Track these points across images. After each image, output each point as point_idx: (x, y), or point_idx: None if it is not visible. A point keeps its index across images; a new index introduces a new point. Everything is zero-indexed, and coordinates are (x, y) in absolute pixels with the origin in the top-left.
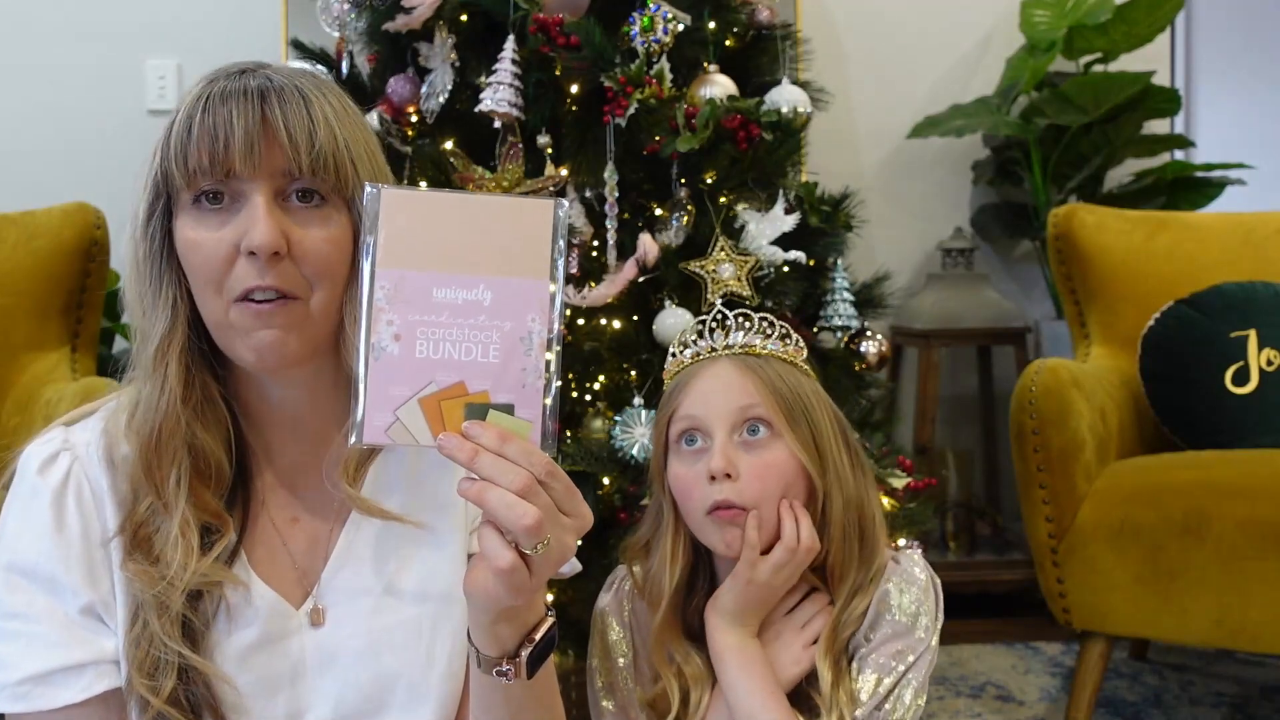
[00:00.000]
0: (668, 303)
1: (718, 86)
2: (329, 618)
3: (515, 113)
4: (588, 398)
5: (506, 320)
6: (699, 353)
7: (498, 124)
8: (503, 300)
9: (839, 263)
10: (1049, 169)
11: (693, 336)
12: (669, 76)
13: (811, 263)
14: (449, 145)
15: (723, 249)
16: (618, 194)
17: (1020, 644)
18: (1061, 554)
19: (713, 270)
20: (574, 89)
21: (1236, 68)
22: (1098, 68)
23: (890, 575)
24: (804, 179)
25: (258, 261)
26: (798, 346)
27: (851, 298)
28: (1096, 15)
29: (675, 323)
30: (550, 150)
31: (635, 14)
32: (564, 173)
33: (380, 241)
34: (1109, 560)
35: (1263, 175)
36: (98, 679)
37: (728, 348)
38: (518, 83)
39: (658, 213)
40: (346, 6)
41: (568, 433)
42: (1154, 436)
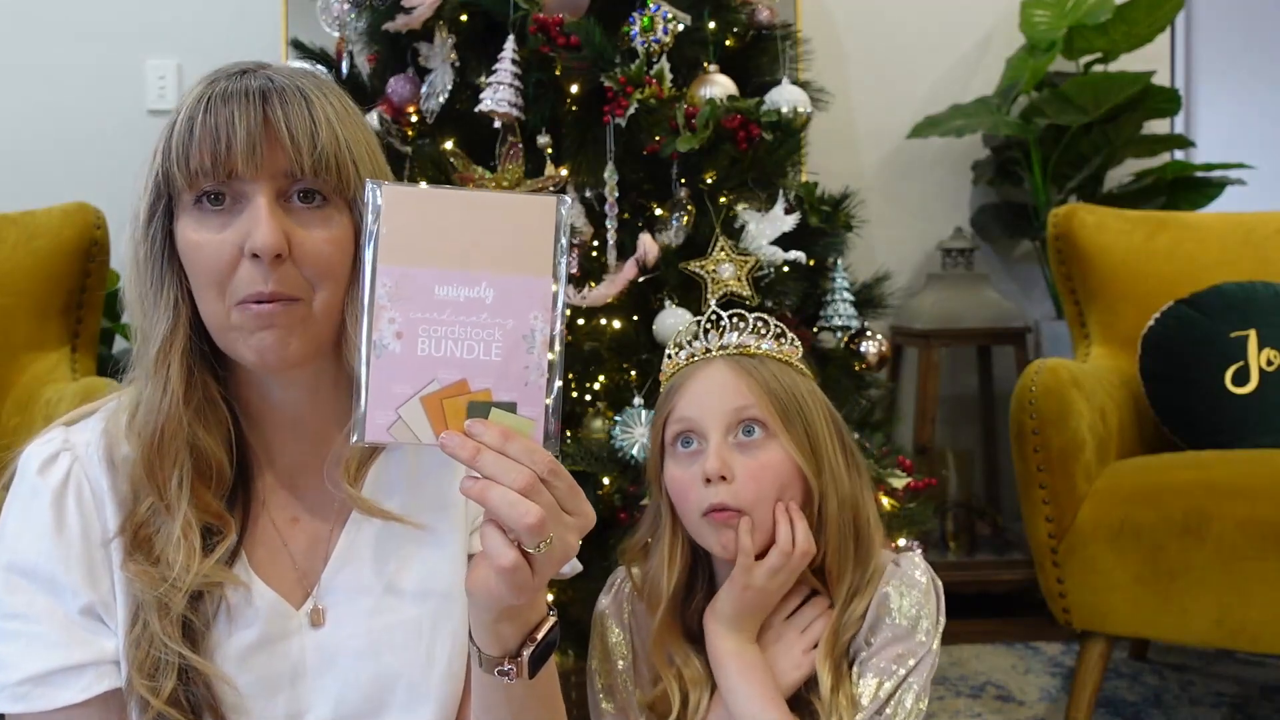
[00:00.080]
0: (668, 303)
1: (718, 86)
2: (329, 618)
3: (515, 113)
4: (588, 398)
5: (509, 318)
6: (694, 354)
7: (498, 124)
8: (505, 298)
9: (839, 263)
10: (1049, 169)
11: (688, 338)
12: (669, 76)
13: (811, 263)
14: (449, 145)
15: (723, 249)
16: (618, 194)
17: (1020, 644)
18: (1061, 554)
19: (713, 270)
20: (574, 89)
21: (1236, 68)
22: (1098, 68)
23: (890, 578)
24: (804, 179)
25: (260, 264)
26: (793, 345)
27: (851, 298)
28: (1096, 15)
29: (675, 323)
30: (550, 150)
31: (635, 14)
32: (564, 173)
33: (382, 238)
34: (1109, 560)
35: (1263, 175)
36: (98, 679)
37: (722, 348)
38: (518, 83)
39: (658, 213)
40: (346, 6)
41: (568, 433)
42: (1154, 436)
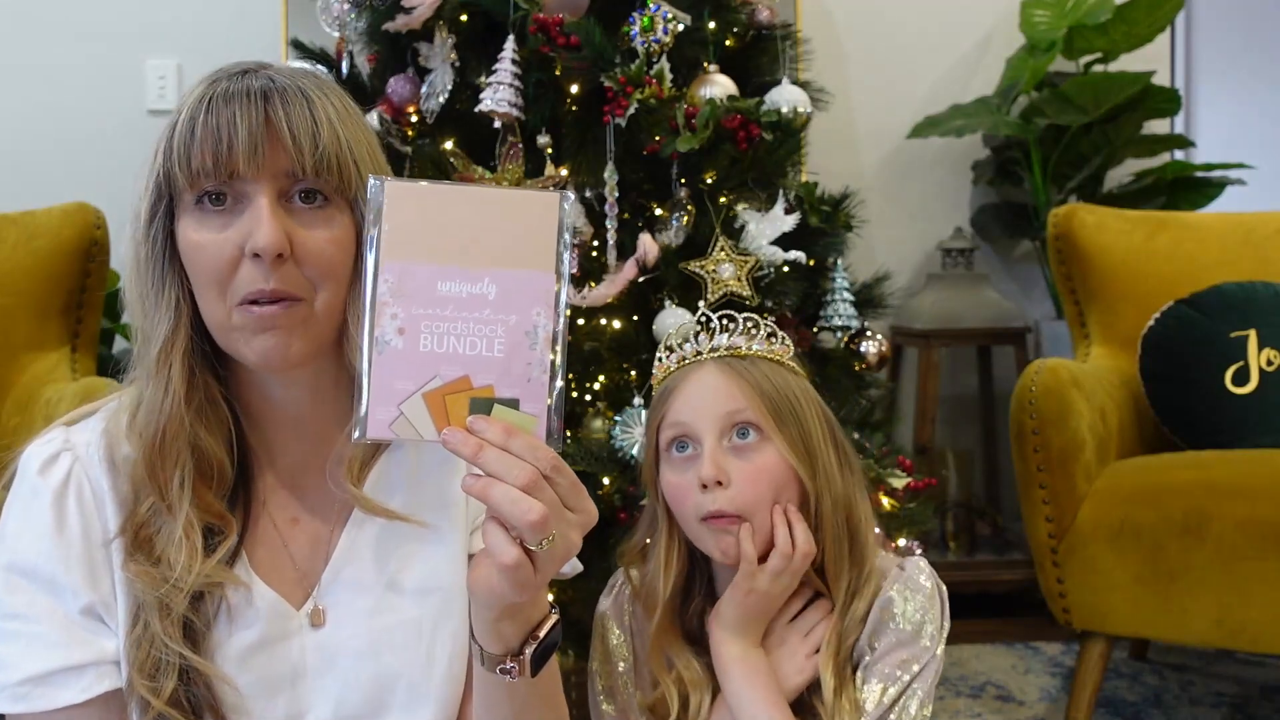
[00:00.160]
0: (668, 303)
1: (718, 86)
2: (329, 618)
3: (515, 113)
4: (588, 398)
5: (511, 314)
6: (684, 357)
7: (498, 124)
8: (508, 294)
9: (839, 263)
10: (1049, 169)
11: (678, 341)
12: (669, 76)
13: (811, 263)
14: (449, 145)
15: (723, 249)
16: (618, 194)
17: (1020, 644)
18: (1061, 554)
19: (713, 270)
20: (574, 89)
21: (1236, 68)
22: (1098, 68)
23: (895, 582)
24: (804, 179)
25: (262, 263)
26: (784, 345)
27: (851, 298)
28: (1096, 15)
29: (675, 323)
30: (550, 150)
31: (635, 14)
32: (564, 173)
33: (384, 234)
34: (1109, 560)
35: (1263, 175)
36: (98, 680)
37: (713, 350)
38: (518, 83)
39: (658, 213)
40: (346, 6)
41: (568, 433)
42: (1154, 436)
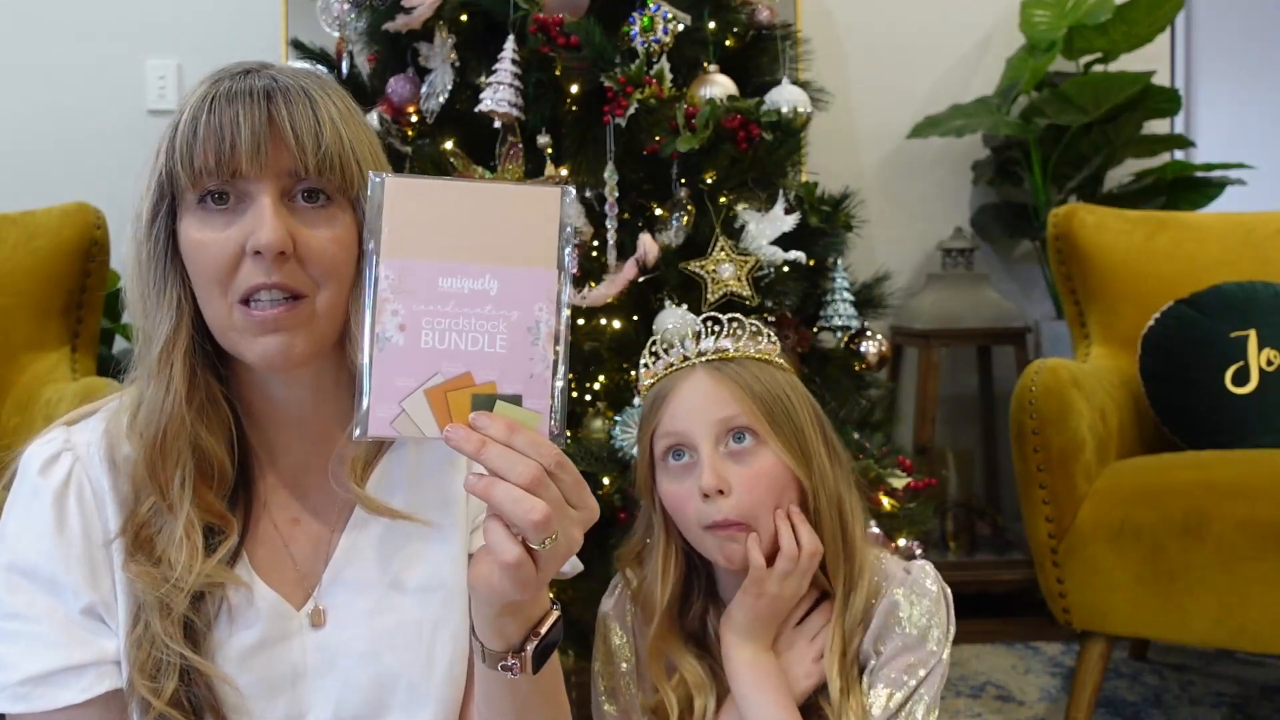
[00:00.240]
0: (668, 303)
1: (718, 86)
2: (329, 619)
3: (515, 113)
4: (588, 398)
5: (513, 310)
6: (672, 363)
7: (498, 124)
8: (510, 290)
9: (839, 263)
10: (1049, 169)
11: (664, 347)
12: (669, 76)
13: (811, 263)
14: (449, 145)
15: (723, 249)
16: (618, 194)
17: (1020, 644)
18: (1061, 554)
19: (713, 270)
20: (574, 89)
21: (1236, 68)
22: (1098, 68)
23: (900, 585)
24: (804, 179)
25: (263, 261)
26: (771, 342)
27: (851, 298)
28: (1096, 15)
29: (675, 323)
30: (550, 150)
31: (635, 14)
32: (564, 173)
33: (385, 231)
34: (1109, 560)
35: (1263, 175)
36: (98, 680)
37: (700, 354)
38: (518, 83)
39: (658, 213)
40: (346, 6)
41: (568, 433)
42: (1154, 436)
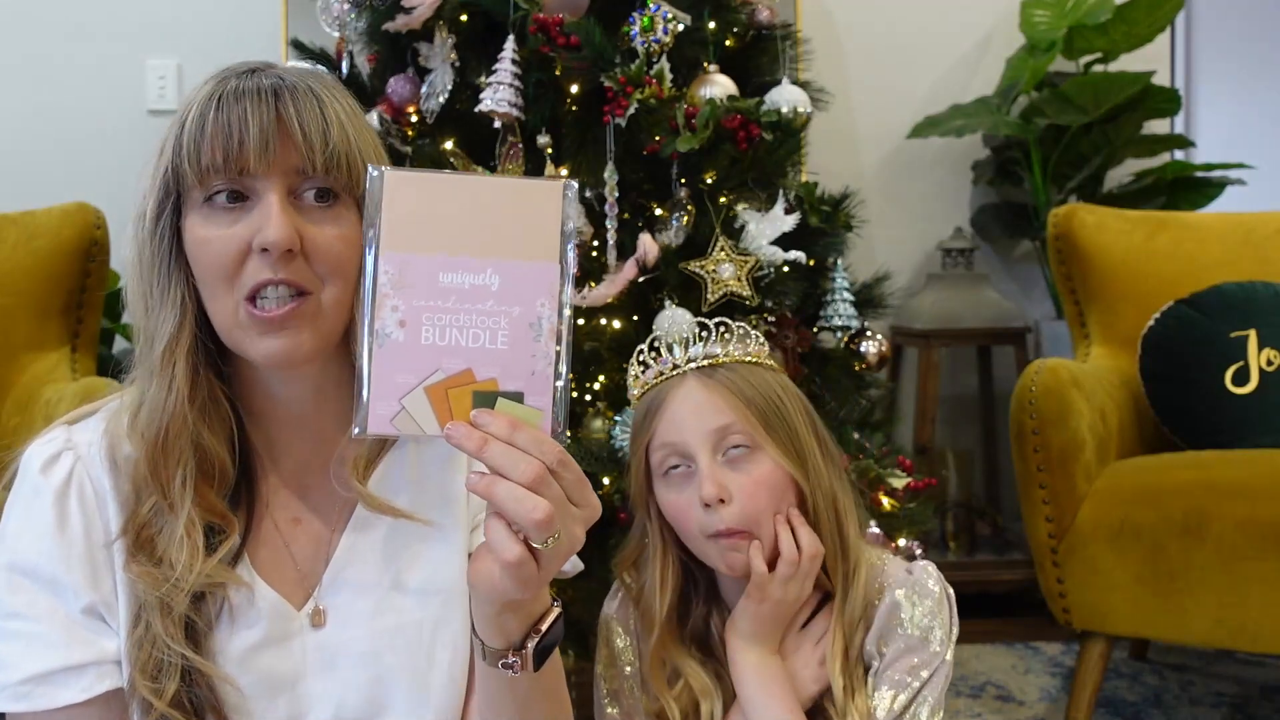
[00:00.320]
0: (668, 303)
1: (718, 86)
2: (330, 619)
3: (515, 113)
4: (588, 398)
5: (515, 305)
6: (662, 372)
7: (498, 124)
8: (511, 285)
9: (839, 263)
10: (1049, 169)
11: (652, 355)
12: (669, 76)
13: (811, 263)
14: (449, 145)
15: (723, 249)
16: (618, 194)
17: (1020, 644)
18: (1061, 554)
19: (713, 270)
20: (574, 89)
21: (1236, 68)
22: (1098, 68)
23: (901, 586)
24: (804, 179)
25: (269, 258)
26: (759, 344)
27: (851, 298)
28: (1096, 15)
29: (675, 323)
30: (550, 150)
31: (635, 14)
32: (564, 173)
33: (384, 225)
34: (1109, 560)
35: (1263, 175)
36: (99, 679)
37: (690, 361)
38: (518, 83)
39: (658, 213)
40: (346, 6)
41: (568, 433)
42: (1154, 436)
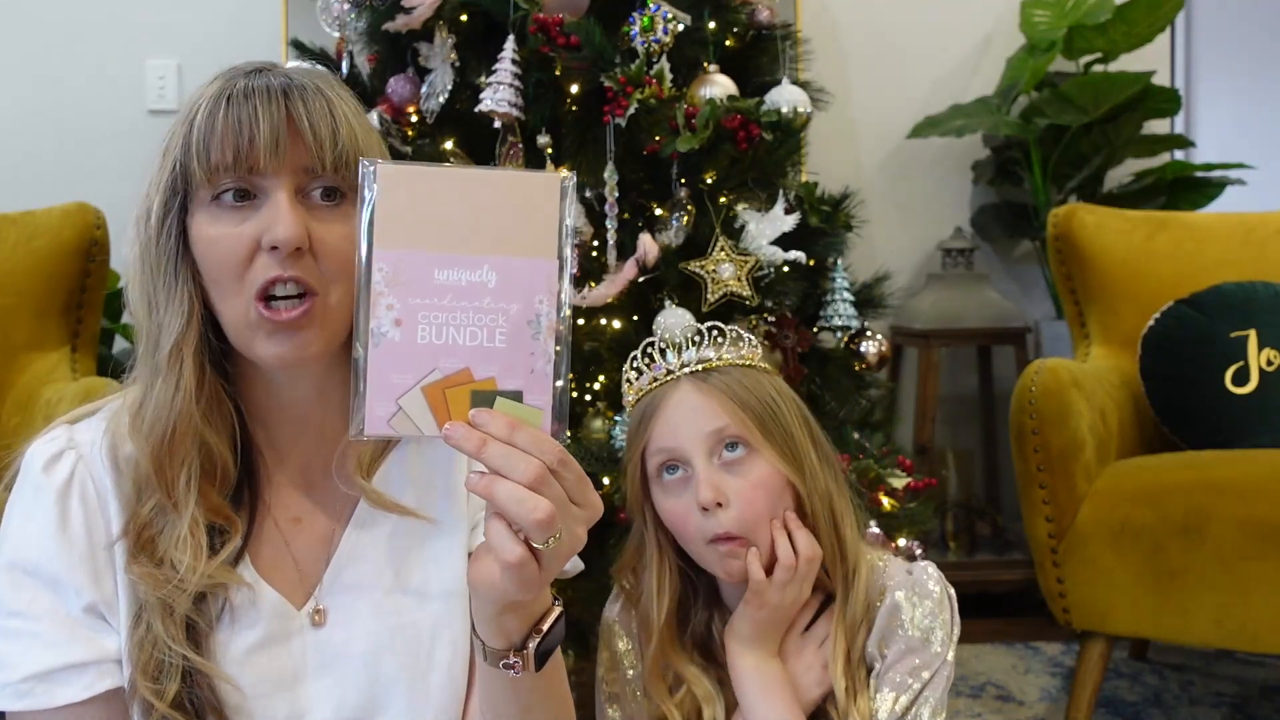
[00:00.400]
0: (668, 303)
1: (718, 86)
2: (330, 619)
3: (515, 113)
4: (588, 398)
5: (513, 302)
6: (656, 377)
7: (498, 124)
8: (509, 281)
9: (839, 263)
10: (1049, 169)
11: (645, 361)
12: (669, 76)
13: (811, 263)
14: (449, 145)
15: (723, 249)
16: (618, 194)
17: (1020, 644)
18: (1061, 554)
19: (713, 270)
20: (574, 89)
21: (1236, 68)
22: (1098, 68)
23: (901, 586)
24: (804, 179)
25: (279, 256)
26: (752, 347)
27: (851, 298)
28: (1096, 15)
29: (675, 323)
30: (550, 150)
31: (635, 14)
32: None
33: (377, 221)
34: (1109, 560)
35: (1263, 175)
36: (100, 678)
37: (684, 366)
38: (518, 83)
39: (658, 213)
40: (346, 6)
41: (568, 433)
42: (1154, 436)
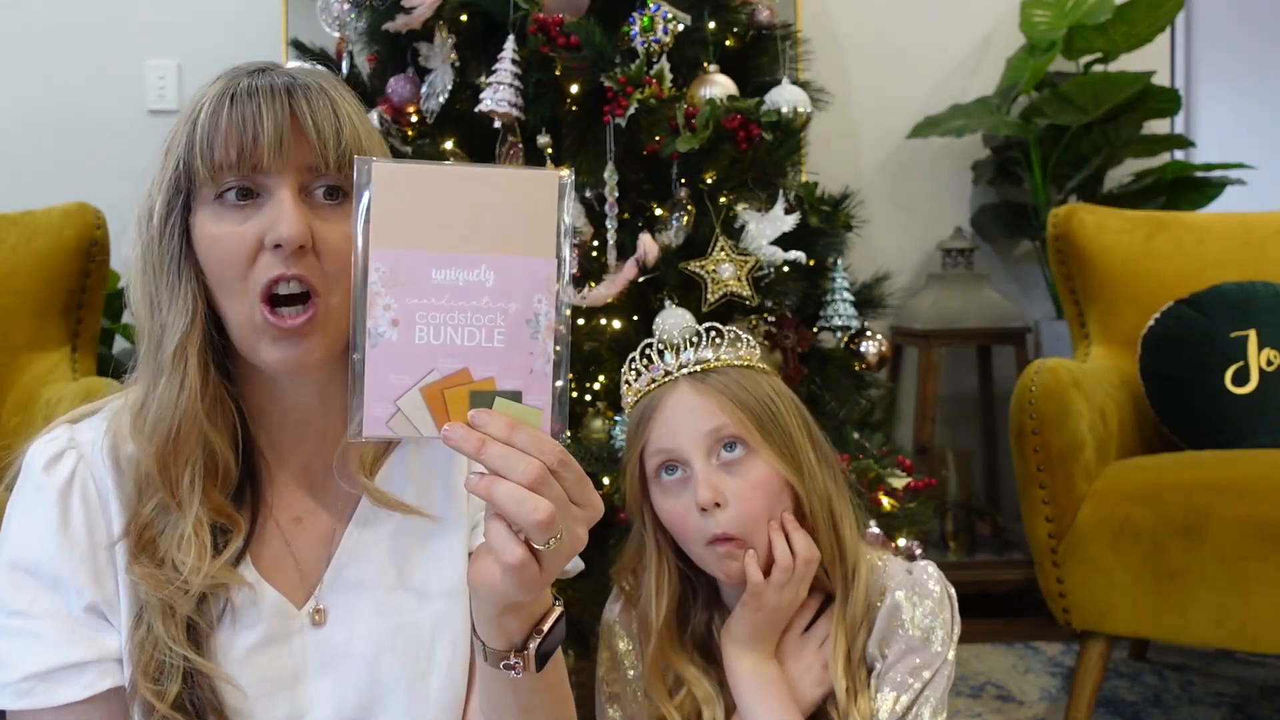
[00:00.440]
0: (668, 303)
1: (718, 86)
2: (330, 618)
3: (515, 113)
4: (588, 398)
5: (511, 302)
6: (654, 379)
7: (498, 124)
8: (507, 280)
9: (839, 263)
10: (1049, 169)
11: (643, 363)
12: (669, 76)
13: (811, 263)
14: (449, 145)
15: (723, 249)
16: (618, 194)
17: (1020, 644)
18: (1061, 554)
19: (713, 270)
20: (574, 89)
21: (1236, 68)
22: (1098, 68)
23: (901, 586)
24: (804, 179)
25: (282, 254)
26: (750, 348)
27: (851, 298)
28: (1096, 15)
29: (675, 323)
30: (550, 150)
31: (635, 14)
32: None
33: (373, 220)
34: (1109, 560)
35: (1263, 175)
36: (100, 677)
37: (682, 367)
38: (518, 83)
39: (658, 213)
40: (346, 6)
41: (568, 433)
42: (1154, 436)
